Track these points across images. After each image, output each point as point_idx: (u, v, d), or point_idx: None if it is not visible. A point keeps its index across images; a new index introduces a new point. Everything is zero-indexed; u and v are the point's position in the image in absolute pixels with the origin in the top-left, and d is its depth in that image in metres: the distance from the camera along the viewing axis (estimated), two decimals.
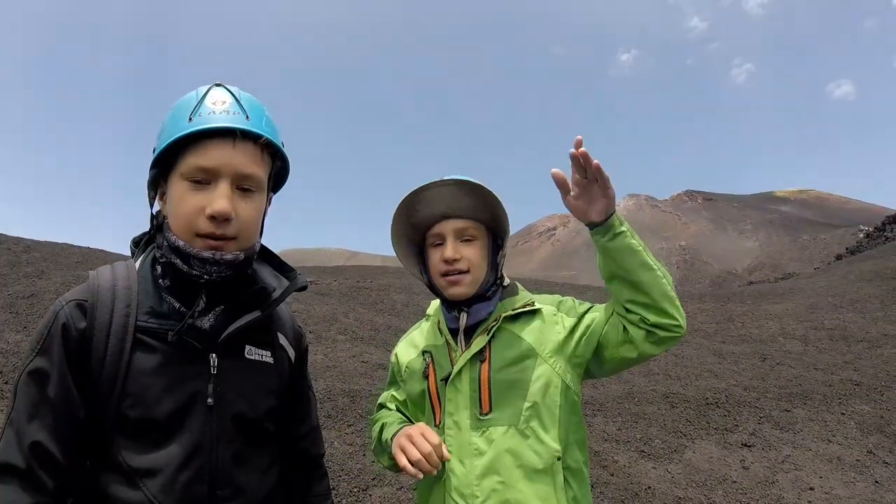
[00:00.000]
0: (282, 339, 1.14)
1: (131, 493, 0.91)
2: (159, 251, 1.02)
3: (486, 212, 1.37)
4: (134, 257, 1.07)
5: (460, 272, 1.32)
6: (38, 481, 0.88)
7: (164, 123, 1.01)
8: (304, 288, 1.12)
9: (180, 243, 0.96)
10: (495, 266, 1.39)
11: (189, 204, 0.95)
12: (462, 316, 1.35)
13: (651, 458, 4.37)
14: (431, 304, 1.52)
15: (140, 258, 1.05)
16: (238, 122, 0.97)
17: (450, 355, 1.35)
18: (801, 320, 8.90)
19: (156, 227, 1.04)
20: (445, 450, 1.23)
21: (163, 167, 1.01)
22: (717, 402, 5.47)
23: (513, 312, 1.34)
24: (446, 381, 1.31)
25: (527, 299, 1.39)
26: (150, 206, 1.06)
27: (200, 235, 0.96)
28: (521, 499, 1.20)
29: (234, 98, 1.00)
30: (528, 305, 1.36)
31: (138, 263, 1.04)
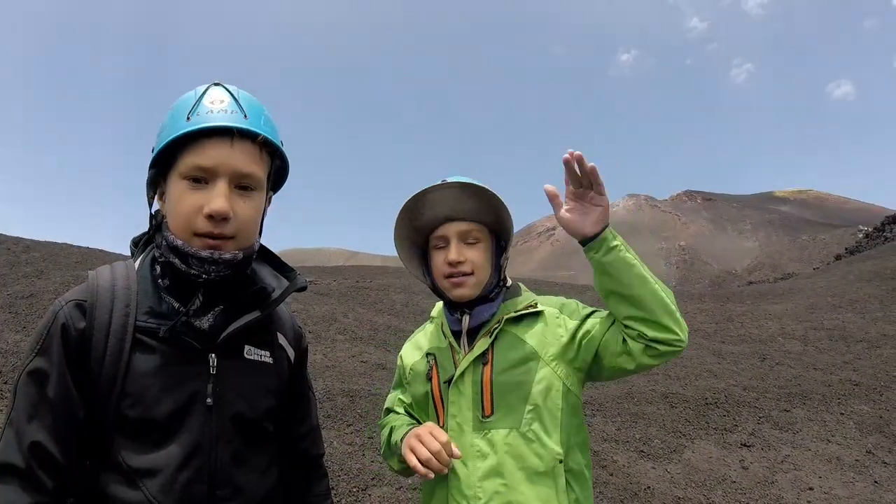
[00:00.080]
0: (281, 339, 1.14)
1: (131, 493, 0.91)
2: (158, 251, 1.02)
3: (489, 214, 1.37)
4: (133, 257, 1.07)
5: (464, 274, 1.33)
6: (37, 481, 0.88)
7: (163, 123, 1.01)
8: (304, 288, 1.12)
9: (179, 243, 0.96)
10: (498, 268, 1.40)
11: (187, 203, 0.95)
12: (464, 318, 1.36)
13: (650, 458, 4.37)
14: (435, 307, 1.52)
15: (139, 258, 1.05)
16: (236, 121, 0.97)
17: (453, 357, 1.35)
18: (801, 320, 8.91)
19: (154, 226, 1.04)
20: (455, 447, 1.23)
21: (162, 167, 1.01)
22: (716, 402, 5.48)
23: (515, 314, 1.34)
24: (449, 383, 1.31)
25: (529, 300, 1.39)
26: (149, 205, 1.05)
27: (199, 235, 0.95)
28: (523, 501, 1.21)
29: (233, 97, 1.00)
30: (530, 307, 1.36)
31: (137, 263, 1.04)
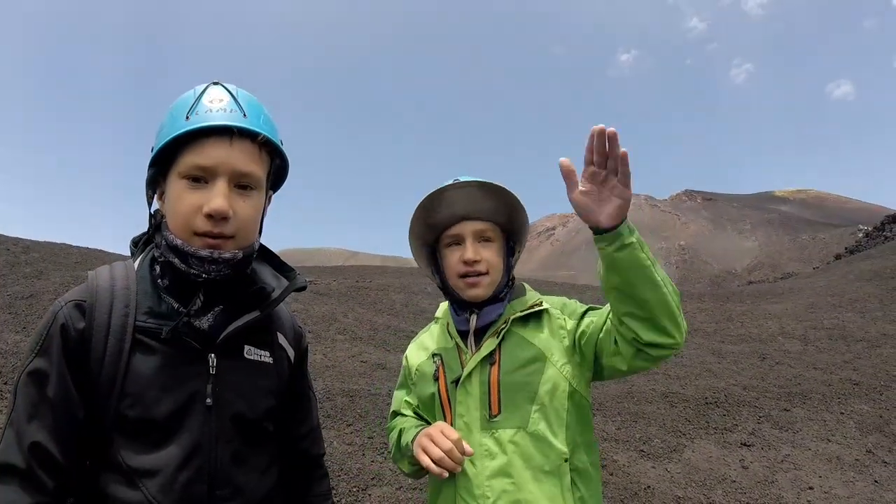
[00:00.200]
0: (281, 339, 1.14)
1: (131, 493, 0.91)
2: (158, 250, 1.01)
3: (503, 214, 1.38)
4: (133, 257, 1.07)
5: (479, 274, 1.33)
6: (38, 481, 0.88)
7: (162, 122, 1.00)
8: (304, 288, 1.12)
9: (178, 242, 0.96)
10: (509, 268, 1.40)
11: (187, 203, 0.95)
12: (472, 318, 1.36)
13: (650, 458, 4.37)
14: (440, 307, 1.52)
15: (139, 258, 1.05)
16: (235, 119, 0.97)
17: (460, 358, 1.36)
18: (801, 320, 8.91)
19: (154, 226, 1.04)
20: (466, 445, 1.23)
21: (161, 166, 1.00)
22: (716, 402, 5.48)
23: (521, 314, 1.34)
24: (456, 383, 1.32)
25: (535, 299, 1.39)
26: (149, 205, 1.05)
27: (198, 234, 0.95)
28: (530, 499, 1.21)
29: (232, 96, 1.00)
30: (535, 305, 1.36)
31: (137, 263, 1.04)
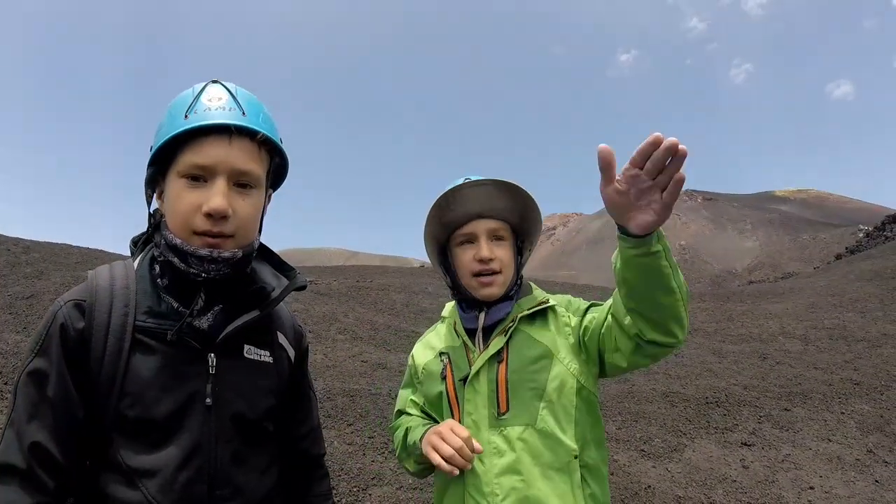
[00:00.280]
0: (281, 339, 1.13)
1: (130, 493, 0.90)
2: (157, 250, 1.01)
3: (516, 213, 1.39)
4: (133, 257, 1.06)
5: (493, 272, 1.34)
6: (38, 481, 0.88)
7: (161, 121, 1.00)
8: (303, 287, 1.11)
9: (178, 241, 0.96)
10: (519, 267, 1.41)
11: (186, 202, 0.95)
12: (481, 315, 1.37)
13: (651, 458, 4.36)
14: (446, 307, 1.53)
15: (139, 257, 1.05)
16: (234, 118, 0.96)
17: (467, 356, 1.36)
18: (801, 320, 8.90)
19: (153, 225, 1.04)
20: (476, 442, 1.23)
21: (160, 165, 1.00)
22: (716, 402, 5.47)
23: (528, 312, 1.35)
24: (464, 381, 1.32)
25: (541, 297, 1.41)
26: (148, 204, 1.05)
27: (198, 233, 0.95)
28: (540, 496, 1.21)
29: (231, 94, 1.00)
30: (542, 303, 1.37)
31: (137, 263, 1.04)
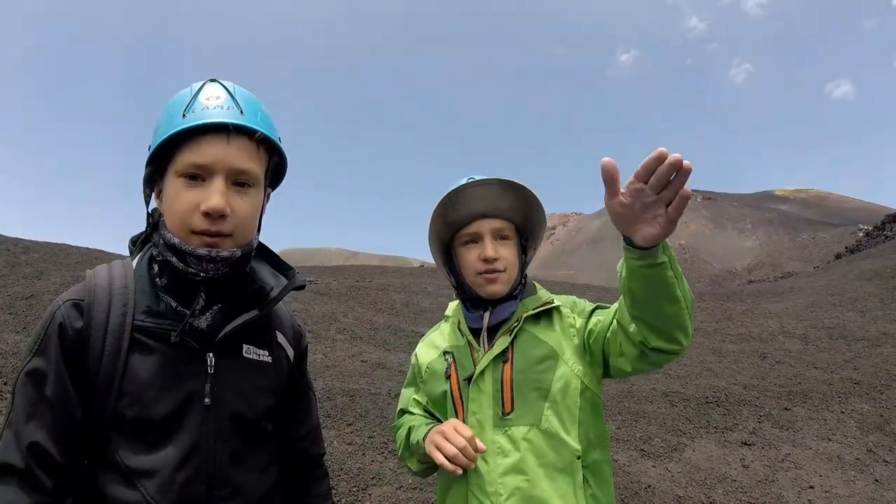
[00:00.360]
0: (280, 338, 1.13)
1: (129, 493, 0.90)
2: (156, 249, 1.01)
3: (520, 213, 1.40)
4: (132, 256, 1.06)
5: (497, 271, 1.35)
6: (36, 481, 0.87)
7: (159, 120, 1.00)
8: (303, 287, 1.11)
9: (176, 241, 0.96)
10: (523, 266, 1.42)
11: (184, 201, 0.95)
12: (486, 314, 1.37)
13: (651, 457, 4.36)
14: (450, 306, 1.54)
15: (137, 257, 1.05)
16: (232, 117, 0.96)
17: (472, 355, 1.36)
18: (801, 319, 8.90)
19: (152, 225, 1.04)
20: (480, 442, 1.23)
21: (158, 164, 1.00)
22: (716, 401, 5.47)
23: (534, 312, 1.35)
24: (469, 381, 1.32)
25: (546, 297, 1.41)
26: (146, 204, 1.05)
27: (196, 232, 0.95)
28: (543, 496, 1.22)
29: (229, 93, 1.00)
30: (547, 303, 1.37)
31: (135, 262, 1.04)
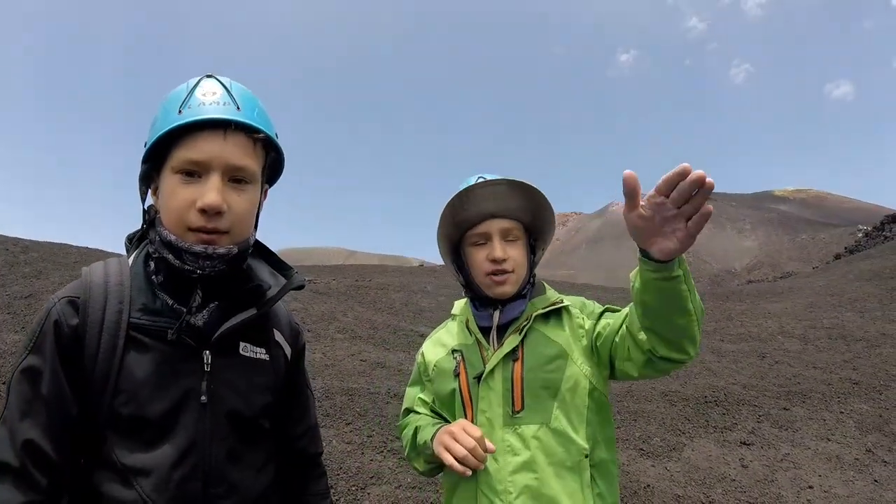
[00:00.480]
0: (277, 336, 1.13)
1: (125, 492, 0.90)
2: (152, 246, 1.00)
3: (529, 213, 1.39)
4: (128, 253, 1.06)
5: (505, 272, 1.34)
6: (31, 479, 0.87)
7: (155, 116, 0.99)
8: (302, 287, 1.11)
9: (172, 238, 0.95)
10: (531, 266, 1.42)
11: (180, 198, 0.94)
12: (496, 313, 1.37)
13: (650, 457, 4.36)
14: (456, 304, 1.54)
15: (133, 254, 1.04)
16: (229, 113, 0.95)
17: (481, 354, 1.36)
18: (800, 319, 8.90)
19: (148, 222, 1.03)
20: (489, 442, 1.23)
21: (155, 161, 0.99)
22: (715, 401, 5.47)
23: (543, 311, 1.35)
24: (479, 379, 1.32)
25: (555, 297, 1.41)
26: (143, 201, 1.04)
27: (192, 229, 0.94)
28: (552, 494, 1.22)
29: (225, 89, 0.99)
30: (556, 303, 1.37)
31: (132, 260, 1.03)
